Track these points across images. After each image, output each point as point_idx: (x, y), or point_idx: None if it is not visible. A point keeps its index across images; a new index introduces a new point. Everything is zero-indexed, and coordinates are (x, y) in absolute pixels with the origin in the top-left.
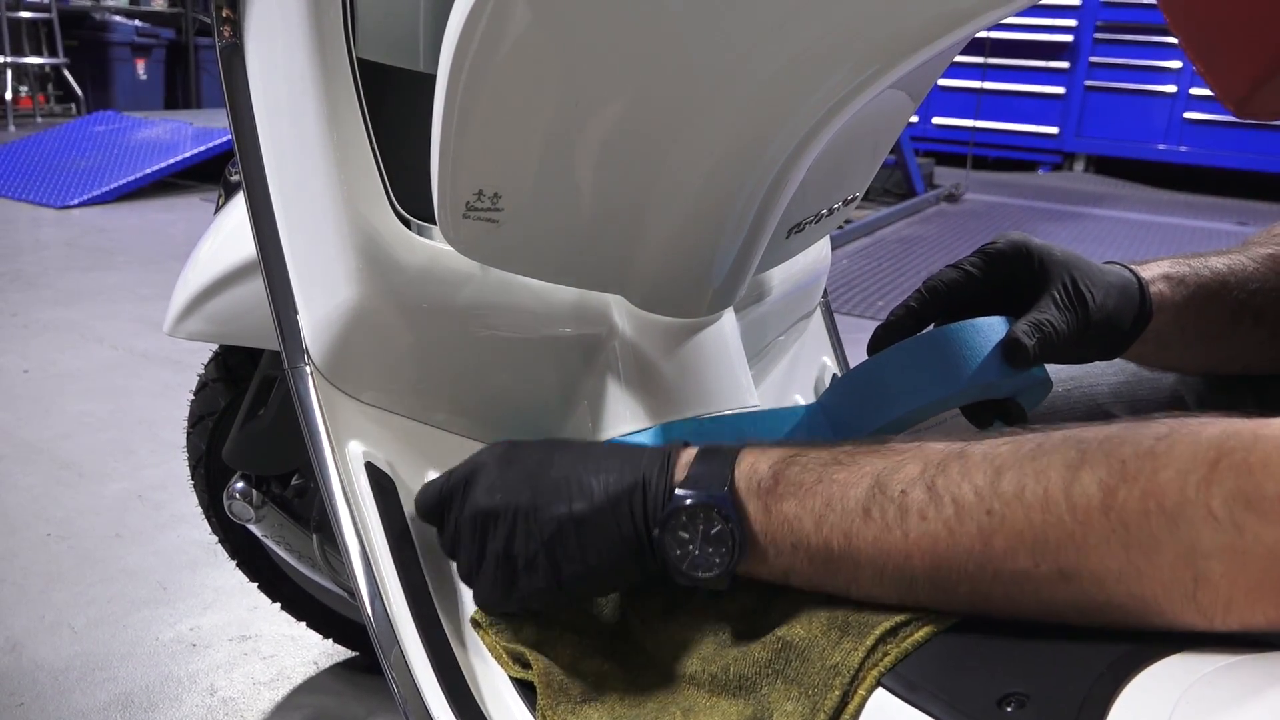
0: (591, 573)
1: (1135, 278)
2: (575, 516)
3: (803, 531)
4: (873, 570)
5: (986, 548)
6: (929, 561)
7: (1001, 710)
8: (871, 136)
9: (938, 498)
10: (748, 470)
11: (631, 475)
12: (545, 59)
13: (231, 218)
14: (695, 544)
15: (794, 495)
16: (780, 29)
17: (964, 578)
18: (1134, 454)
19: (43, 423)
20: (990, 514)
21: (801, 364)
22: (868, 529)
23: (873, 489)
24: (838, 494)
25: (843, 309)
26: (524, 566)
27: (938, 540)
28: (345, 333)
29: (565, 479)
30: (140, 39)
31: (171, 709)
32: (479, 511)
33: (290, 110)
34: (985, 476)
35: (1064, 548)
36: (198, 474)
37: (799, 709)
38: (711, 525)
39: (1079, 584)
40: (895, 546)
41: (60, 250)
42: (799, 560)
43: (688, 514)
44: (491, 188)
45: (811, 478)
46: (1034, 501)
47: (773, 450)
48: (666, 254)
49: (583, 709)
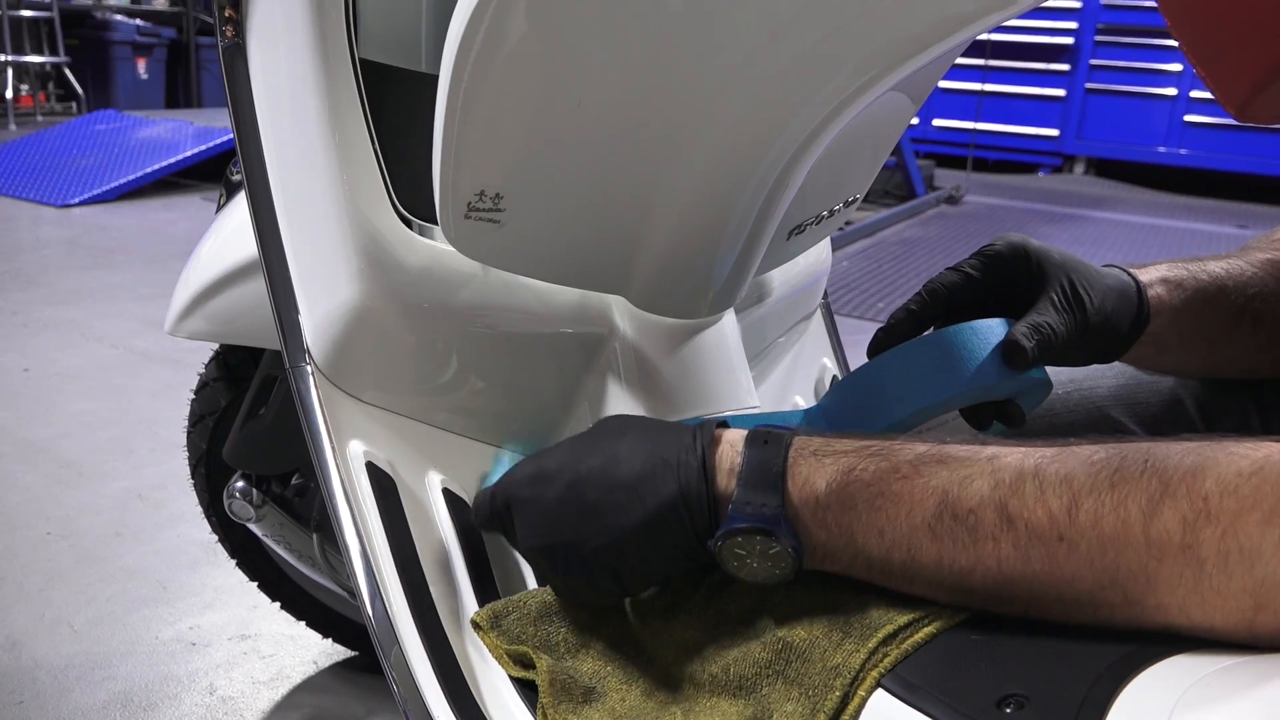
0: (650, 576)
1: (1133, 281)
2: (627, 539)
3: (865, 545)
4: (930, 581)
5: (1054, 572)
6: (992, 580)
7: (1001, 711)
8: (872, 138)
9: (1009, 521)
10: (802, 485)
11: (670, 484)
12: (547, 60)
13: (233, 217)
14: (753, 559)
15: (854, 511)
16: (782, 32)
17: (1025, 595)
18: (1218, 491)
19: (43, 422)
20: (1063, 540)
21: (802, 365)
22: (933, 547)
23: (940, 508)
24: (902, 511)
25: (842, 310)
26: (593, 586)
27: (1004, 562)
28: (346, 332)
29: (602, 504)
30: (141, 38)
31: (171, 708)
32: (531, 550)
33: (292, 110)
34: (1060, 502)
35: (1135, 579)
36: (198, 473)
37: (799, 709)
38: (769, 546)
39: (1140, 609)
40: (960, 564)
41: (61, 249)
42: (856, 567)
43: (744, 535)
44: (493, 188)
45: (873, 493)
46: (1110, 534)
47: (827, 457)
48: (668, 255)
49: (584, 709)
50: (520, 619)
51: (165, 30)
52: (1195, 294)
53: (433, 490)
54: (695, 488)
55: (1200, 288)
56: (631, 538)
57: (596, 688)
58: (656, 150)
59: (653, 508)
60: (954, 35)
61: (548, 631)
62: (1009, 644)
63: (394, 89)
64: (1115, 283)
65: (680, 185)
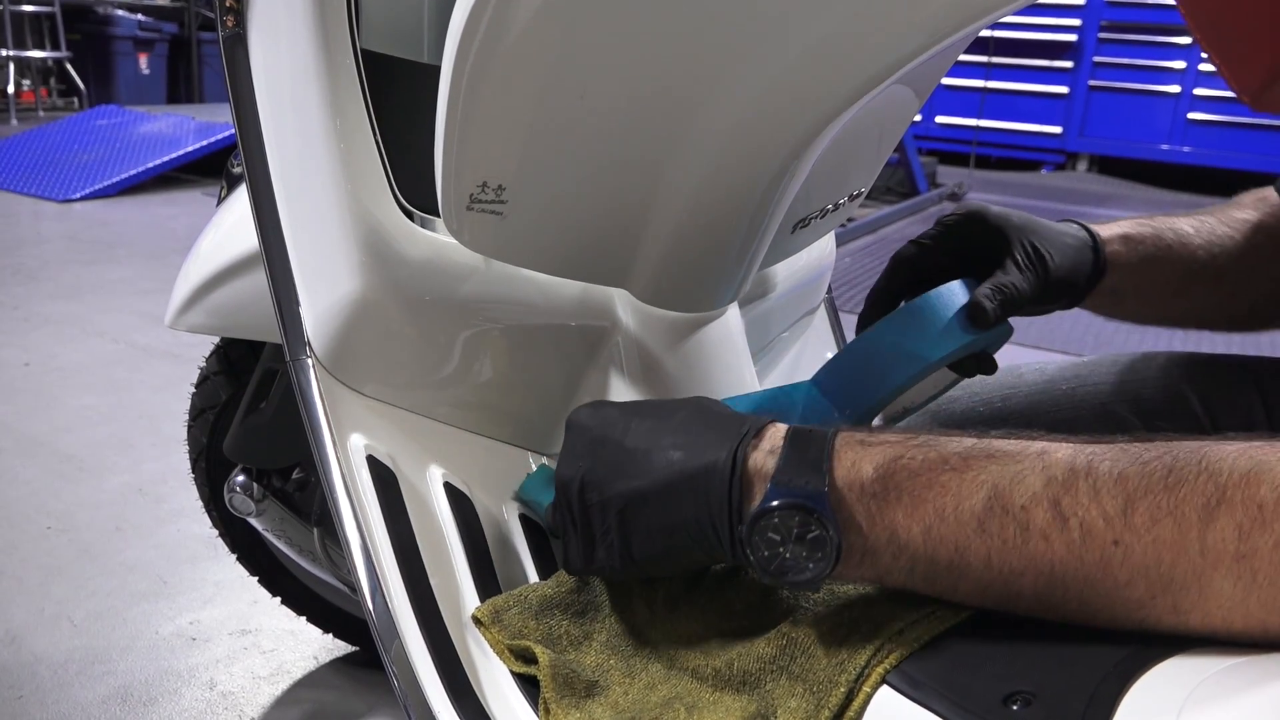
0: (661, 553)
1: (1090, 237)
2: (639, 493)
3: (909, 541)
4: (977, 584)
5: (1106, 575)
6: (1042, 582)
7: (1007, 708)
8: (877, 132)
9: (1063, 520)
10: (848, 468)
11: (701, 456)
12: (550, 50)
13: (234, 210)
14: (787, 546)
15: (901, 502)
16: (793, 23)
17: (1074, 599)
18: (1273, 497)
19: (43, 416)
20: (1118, 544)
21: (805, 359)
22: (981, 544)
23: (990, 502)
24: (950, 504)
25: (845, 306)
26: (600, 538)
27: (1056, 563)
28: (348, 325)
29: (636, 450)
30: (143, 33)
31: (171, 703)
32: (560, 480)
33: (293, 101)
34: (1115, 504)
35: (1188, 587)
36: (198, 467)
37: (803, 705)
38: (807, 529)
39: (1188, 616)
40: (1010, 564)
41: (62, 244)
42: (897, 566)
43: (780, 515)
44: (495, 180)
45: (921, 483)
46: (1166, 540)
47: (873, 445)
48: (672, 248)
49: (587, 703)
50: (522, 612)
51: (167, 25)
52: (1156, 250)
53: (434, 484)
54: (723, 463)
55: (1162, 245)
56: (645, 495)
57: (599, 681)
58: (661, 143)
59: (674, 473)
60: (968, 24)
61: (550, 624)
62: (1015, 641)
63: (396, 80)
64: (1073, 240)
65: (685, 178)
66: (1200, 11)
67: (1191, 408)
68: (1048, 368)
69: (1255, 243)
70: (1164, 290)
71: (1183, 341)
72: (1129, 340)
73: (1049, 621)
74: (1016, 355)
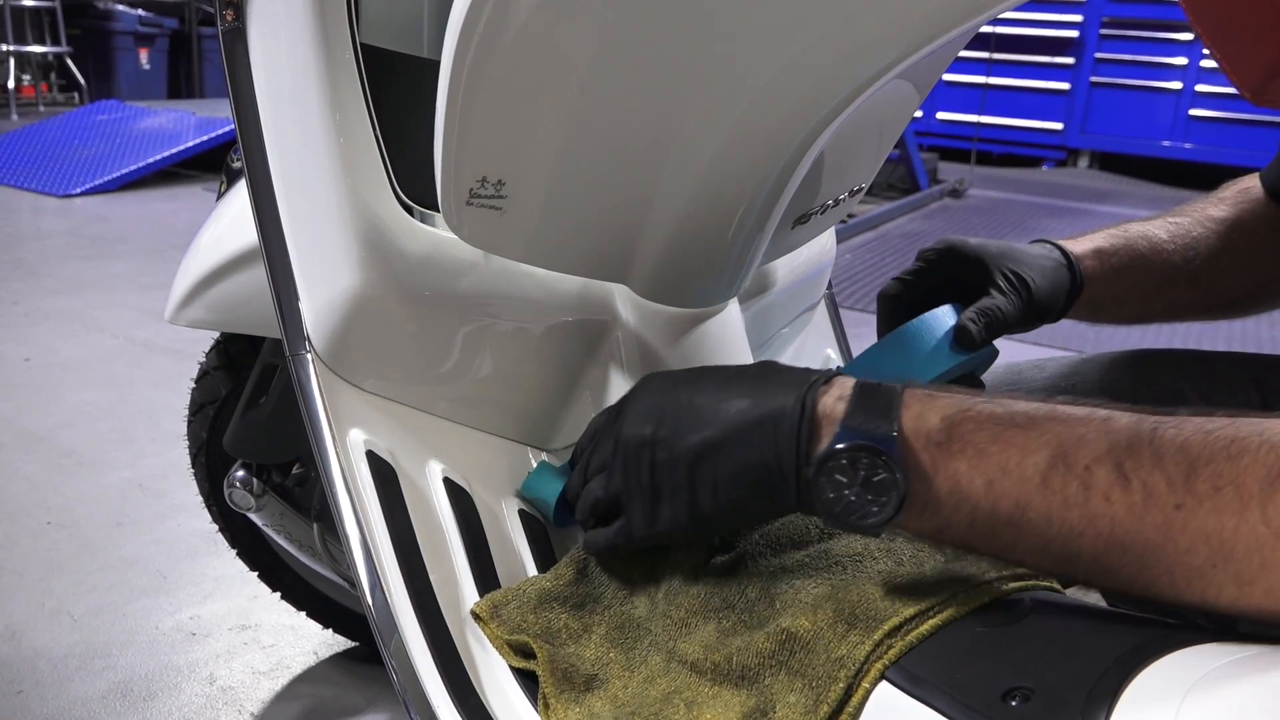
0: (727, 504)
1: (1064, 256)
2: (709, 443)
3: (971, 492)
4: (1037, 541)
5: (1167, 540)
6: (1102, 543)
7: (1006, 704)
8: (878, 127)
9: (1125, 481)
10: (915, 417)
11: (770, 402)
12: (550, 45)
13: (233, 204)
14: (853, 489)
15: (966, 454)
16: (792, 16)
17: (1134, 563)
18: None
19: (43, 411)
20: (1180, 508)
21: (805, 356)
22: (1044, 500)
23: (1054, 459)
24: (1014, 459)
25: (846, 303)
26: (668, 496)
27: (1117, 524)
28: (347, 320)
29: (705, 405)
30: (143, 28)
31: (170, 697)
32: (626, 441)
33: (293, 96)
34: (1178, 469)
35: (1249, 556)
36: (198, 463)
37: (802, 701)
38: (874, 472)
39: (1250, 590)
40: (1070, 522)
41: (62, 239)
42: (959, 519)
43: (848, 457)
44: (495, 174)
45: (986, 437)
46: (1228, 507)
47: (940, 399)
48: (672, 243)
49: (586, 697)
50: (520, 606)
51: (167, 20)
52: (1129, 262)
53: (433, 479)
54: (792, 407)
55: (1135, 255)
56: (715, 444)
57: (598, 675)
58: (662, 137)
59: (745, 420)
60: (970, 19)
61: (549, 618)
62: (1015, 637)
63: (395, 74)
64: (1049, 261)
65: (685, 173)
66: (1202, 7)
67: (1190, 404)
68: (1047, 365)
69: (1230, 241)
70: (1140, 296)
71: (1183, 338)
72: (1129, 338)
73: (1048, 618)
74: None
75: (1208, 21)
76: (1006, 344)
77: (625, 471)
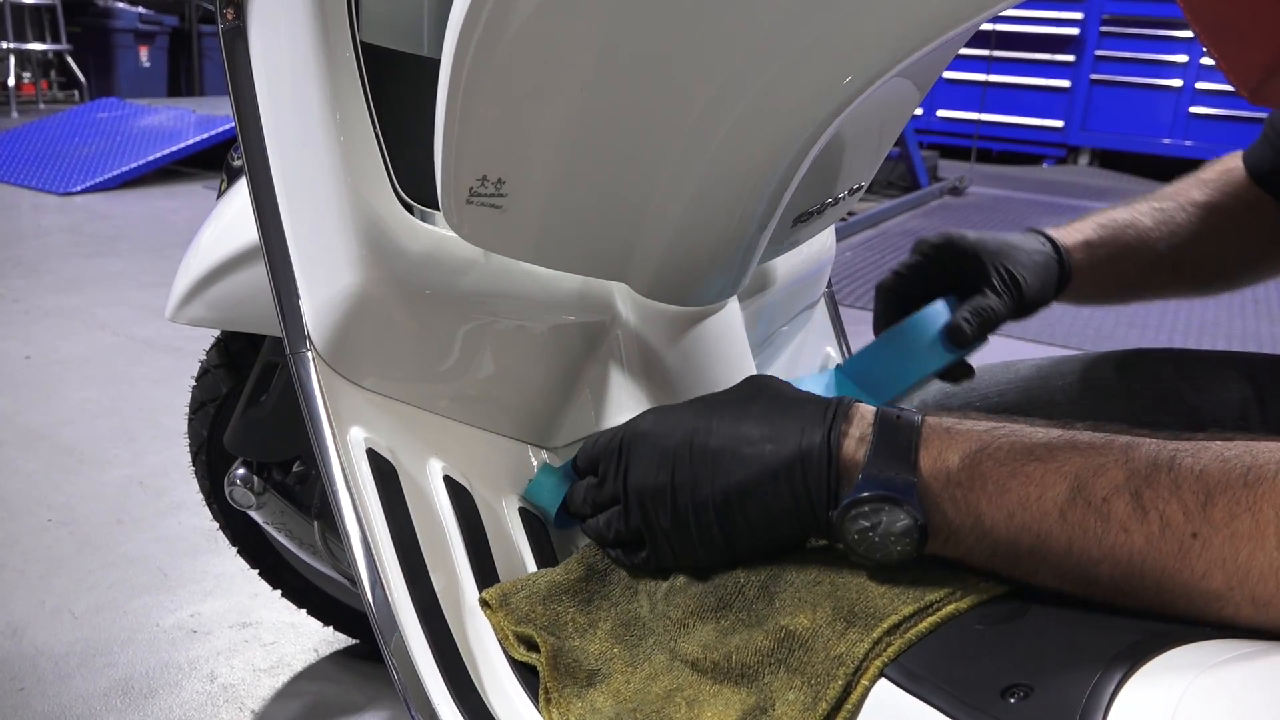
0: (759, 542)
1: (1054, 249)
2: (735, 488)
3: (992, 526)
4: (1057, 570)
5: (1184, 567)
6: (1120, 571)
7: (1005, 701)
8: (878, 125)
9: (1143, 512)
10: (935, 458)
11: (791, 440)
12: (550, 44)
13: (234, 203)
14: (876, 533)
15: (986, 490)
16: (793, 14)
17: (1152, 588)
18: None
19: (44, 409)
20: (1196, 537)
21: (805, 354)
22: (1062, 533)
23: (1073, 492)
24: (1034, 493)
25: (846, 301)
26: (697, 539)
27: (1135, 553)
28: (347, 319)
29: (724, 450)
30: (143, 26)
31: (171, 695)
32: (642, 489)
33: (293, 94)
34: (1195, 498)
35: (1266, 579)
36: (199, 460)
37: (801, 699)
38: (896, 519)
39: (1268, 610)
40: (1089, 552)
41: (62, 237)
42: (979, 550)
43: (870, 505)
44: (495, 173)
45: (1005, 472)
46: (1244, 534)
47: (959, 435)
48: (672, 241)
49: (588, 692)
50: (529, 597)
51: (167, 18)
52: (1116, 252)
53: (434, 477)
54: (818, 451)
55: (1121, 245)
56: (744, 491)
57: (601, 670)
58: (661, 137)
59: (771, 464)
60: (971, 18)
61: (556, 611)
62: (1014, 634)
63: (396, 73)
64: (1040, 256)
65: (686, 172)
66: (1199, 6)
67: (1187, 403)
68: (1043, 364)
69: (1211, 225)
70: (1125, 283)
71: (1183, 337)
72: (1128, 335)
73: (1047, 615)
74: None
75: (1205, 20)
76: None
77: (644, 516)
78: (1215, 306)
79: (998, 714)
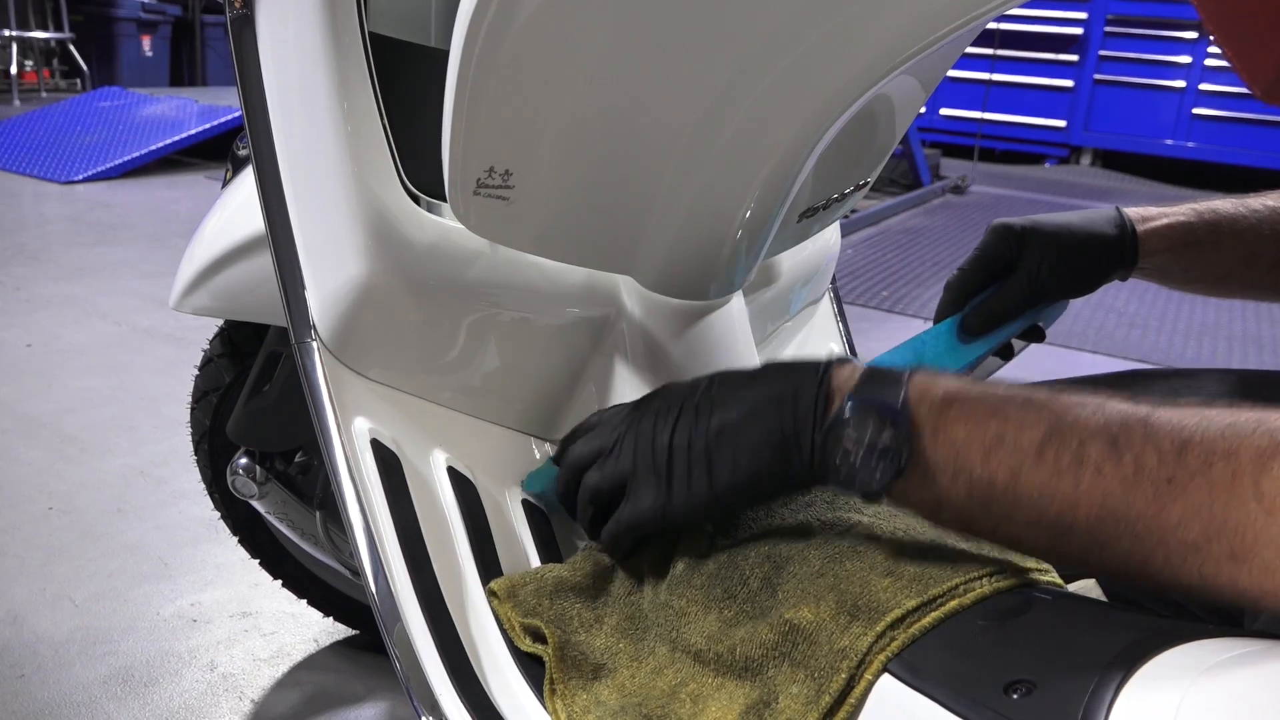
0: (746, 477)
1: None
2: (730, 420)
3: (969, 459)
4: (1031, 513)
5: (1160, 514)
6: (1094, 515)
7: (1008, 697)
8: (884, 122)
9: (1118, 454)
10: (920, 387)
11: (785, 384)
12: (558, 36)
13: (239, 192)
14: (858, 454)
15: (966, 421)
16: (800, 11)
17: (1127, 536)
18: None
19: (45, 397)
20: (1171, 482)
21: (809, 350)
22: (1038, 470)
23: (1050, 432)
24: (1012, 430)
25: (848, 299)
26: (682, 473)
27: (1109, 495)
28: (353, 309)
29: (726, 394)
30: (146, 15)
31: (171, 684)
32: (642, 426)
33: (301, 84)
34: (1171, 444)
35: (1242, 531)
36: (201, 450)
37: (804, 692)
38: (880, 435)
39: (1246, 567)
40: (1063, 493)
41: (64, 225)
42: (957, 488)
43: (856, 420)
44: (502, 165)
45: (984, 409)
46: (1221, 480)
47: (945, 377)
48: (677, 236)
49: (593, 685)
50: (537, 591)
51: (170, 7)
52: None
53: (437, 468)
54: (810, 380)
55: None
56: (737, 425)
57: (607, 664)
58: (668, 131)
59: (765, 397)
60: (977, 16)
61: (562, 606)
62: (1017, 630)
63: (403, 64)
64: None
65: (693, 166)
66: (1213, 4)
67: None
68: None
69: None
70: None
71: (1183, 338)
72: (1129, 335)
73: (1050, 612)
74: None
75: (1219, 17)
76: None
77: (635, 452)
78: (1216, 307)
79: (1000, 710)
